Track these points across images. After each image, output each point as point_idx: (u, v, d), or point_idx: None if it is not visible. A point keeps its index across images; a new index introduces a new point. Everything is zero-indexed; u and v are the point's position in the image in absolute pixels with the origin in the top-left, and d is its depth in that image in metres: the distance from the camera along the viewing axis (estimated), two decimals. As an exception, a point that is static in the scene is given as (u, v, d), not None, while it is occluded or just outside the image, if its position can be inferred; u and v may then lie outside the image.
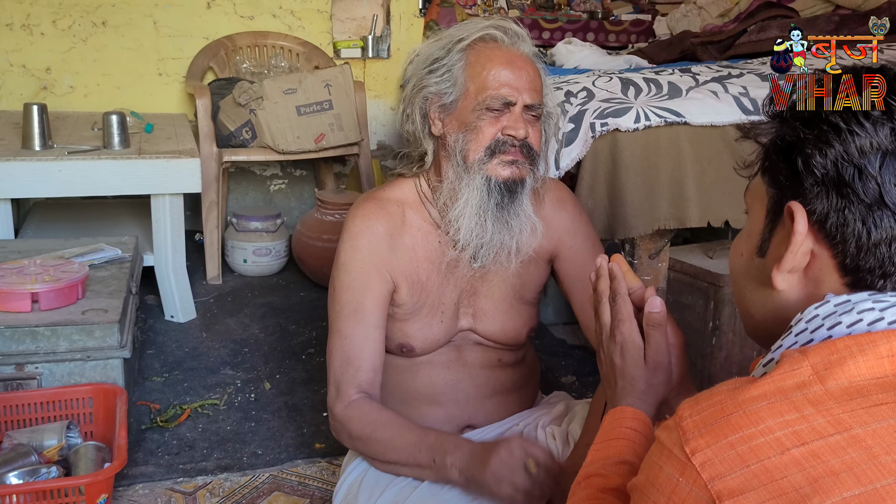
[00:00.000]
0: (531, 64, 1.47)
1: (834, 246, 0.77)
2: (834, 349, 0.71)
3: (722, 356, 2.26)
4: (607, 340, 1.09)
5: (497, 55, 1.45)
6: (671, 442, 0.72)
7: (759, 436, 0.67)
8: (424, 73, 1.48)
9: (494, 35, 1.46)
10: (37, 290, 2.00)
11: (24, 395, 1.92)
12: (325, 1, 4.01)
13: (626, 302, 1.08)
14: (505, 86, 1.42)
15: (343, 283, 1.51)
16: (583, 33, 4.56)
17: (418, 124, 1.50)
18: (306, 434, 2.21)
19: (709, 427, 0.70)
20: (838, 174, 0.75)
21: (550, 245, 1.59)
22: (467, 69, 1.45)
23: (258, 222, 3.47)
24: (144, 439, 2.15)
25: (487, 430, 1.60)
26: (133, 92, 3.81)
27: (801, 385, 0.69)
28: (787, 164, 0.79)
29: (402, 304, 1.53)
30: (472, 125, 1.44)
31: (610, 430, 1.01)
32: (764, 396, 0.69)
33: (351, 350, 1.48)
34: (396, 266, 1.52)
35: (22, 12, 3.61)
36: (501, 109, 1.43)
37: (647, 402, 1.03)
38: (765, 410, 0.68)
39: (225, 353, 2.72)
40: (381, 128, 4.19)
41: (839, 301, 0.75)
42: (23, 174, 2.62)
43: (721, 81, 2.20)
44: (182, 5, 3.81)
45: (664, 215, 2.04)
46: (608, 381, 1.09)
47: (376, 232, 1.51)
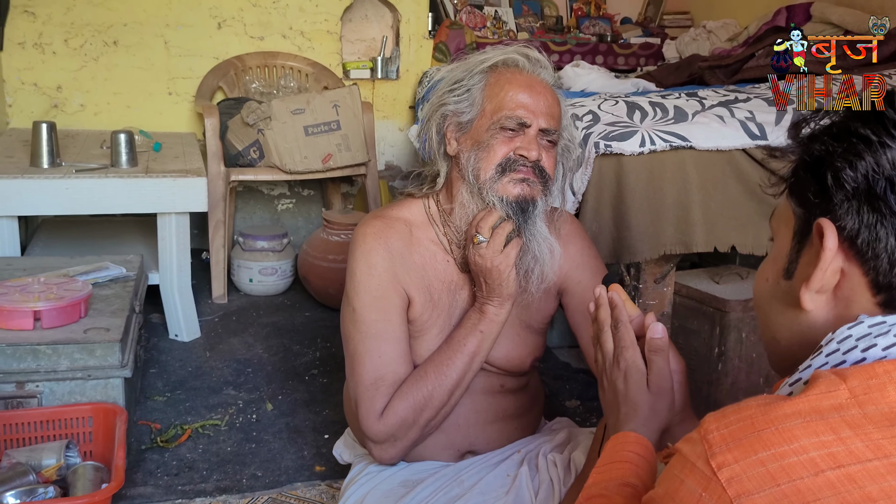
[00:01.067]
0: (550, 91, 1.47)
1: (865, 263, 0.74)
2: (873, 373, 0.68)
3: (728, 382, 2.24)
4: (611, 367, 1.08)
5: (517, 78, 1.45)
6: (695, 455, 0.69)
7: (793, 454, 0.64)
8: (445, 93, 1.49)
9: (516, 60, 1.47)
10: (39, 308, 2.00)
11: (23, 413, 1.91)
12: (335, 22, 4.04)
13: (629, 329, 1.08)
14: (521, 107, 1.42)
15: (365, 302, 1.48)
16: (592, 56, 4.57)
17: (434, 143, 1.50)
18: (307, 456, 2.19)
19: (738, 442, 0.67)
20: (869, 187, 0.72)
21: (559, 278, 1.58)
22: (486, 90, 1.45)
23: (265, 241, 3.48)
24: (144, 459, 2.14)
25: (488, 456, 1.58)
26: (143, 111, 3.84)
27: (839, 407, 0.66)
28: (815, 179, 0.77)
29: (413, 320, 1.51)
30: (485, 143, 1.43)
31: (612, 453, 1.00)
32: (798, 414, 0.66)
33: (383, 368, 1.45)
34: (409, 281, 1.50)
35: (34, 31, 3.65)
36: (516, 130, 1.43)
37: (650, 428, 1.03)
38: (799, 429, 0.65)
39: (228, 372, 2.71)
40: (389, 148, 4.20)
41: (874, 322, 0.73)
42: (30, 192, 2.63)
43: (727, 106, 2.19)
44: (193, 26, 3.84)
45: (669, 240, 2.02)
46: (611, 407, 1.08)
47: (388, 247, 1.49)
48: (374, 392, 1.44)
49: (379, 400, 1.44)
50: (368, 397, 1.44)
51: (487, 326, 1.46)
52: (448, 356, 1.46)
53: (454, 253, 1.53)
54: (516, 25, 4.88)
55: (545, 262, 1.47)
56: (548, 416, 1.82)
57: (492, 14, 4.85)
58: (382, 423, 1.44)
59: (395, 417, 1.43)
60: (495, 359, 1.57)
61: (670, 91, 2.65)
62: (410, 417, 1.44)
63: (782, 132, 2.12)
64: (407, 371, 1.47)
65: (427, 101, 1.56)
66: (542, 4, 5.08)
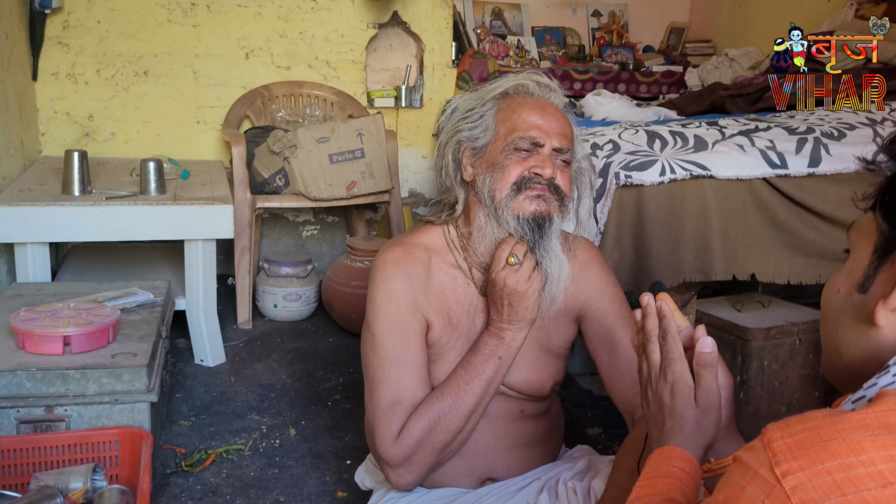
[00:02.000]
0: (561, 113, 1.50)
1: None
2: None
3: (750, 411, 2.23)
4: (657, 379, 1.06)
5: (528, 102, 1.49)
6: (758, 462, 0.69)
7: (860, 466, 0.64)
8: (460, 121, 1.53)
9: (527, 86, 1.51)
10: (69, 333, 2.04)
11: (52, 437, 1.95)
12: (360, 52, 4.11)
13: (677, 341, 1.06)
14: (534, 128, 1.45)
15: (384, 329, 1.49)
16: (614, 84, 4.60)
17: (451, 170, 1.52)
18: (329, 482, 2.21)
19: (804, 450, 0.67)
20: None
21: (577, 303, 1.59)
22: (498, 114, 1.49)
23: (289, 268, 3.52)
24: (169, 483, 2.17)
25: (508, 483, 1.58)
26: (172, 139, 3.91)
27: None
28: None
29: (433, 344, 1.53)
30: (499, 165, 1.46)
31: (657, 467, 0.98)
32: (866, 427, 0.66)
33: (401, 393, 1.46)
34: (428, 306, 1.52)
35: (68, 62, 3.75)
36: (530, 150, 1.45)
37: (695, 444, 1.00)
38: (867, 441, 0.65)
39: (252, 397, 2.74)
40: (412, 176, 4.24)
41: None
42: (61, 219, 2.69)
43: (748, 135, 2.20)
44: (221, 56, 3.92)
45: (689, 268, 2.03)
46: (655, 420, 1.06)
47: (408, 274, 1.52)
48: (392, 416, 1.45)
49: (395, 423, 1.45)
50: (385, 420, 1.46)
51: (505, 352, 1.48)
52: (465, 381, 1.47)
53: (474, 277, 1.55)
54: (539, 54, 4.93)
55: (556, 282, 1.48)
56: (569, 444, 1.82)
57: (514, 43, 4.90)
58: (398, 446, 1.45)
59: (410, 439, 1.44)
60: (515, 383, 1.58)
61: (691, 120, 2.66)
62: (425, 438, 1.44)
63: (803, 161, 2.13)
64: (424, 395, 1.48)
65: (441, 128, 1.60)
66: (565, 33, 5.13)
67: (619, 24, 5.23)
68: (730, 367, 2.21)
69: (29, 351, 2.04)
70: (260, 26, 3.96)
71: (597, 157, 2.19)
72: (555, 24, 5.15)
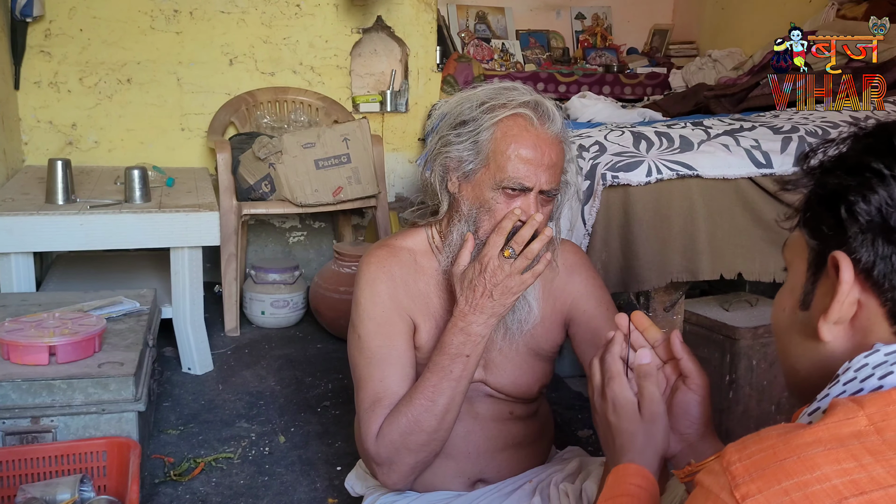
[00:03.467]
0: (557, 146, 1.45)
1: (882, 294, 0.75)
2: (891, 399, 0.69)
3: (739, 410, 2.24)
4: (599, 400, 1.09)
5: (524, 137, 1.42)
6: (718, 486, 0.70)
7: (816, 483, 0.65)
8: (452, 134, 1.48)
9: (526, 114, 1.43)
10: (54, 343, 2.02)
11: (38, 448, 1.93)
12: (345, 57, 4.10)
13: (616, 360, 1.09)
14: (524, 171, 1.42)
15: (370, 330, 1.50)
16: (599, 86, 4.61)
17: (437, 178, 1.51)
18: (319, 489, 2.20)
19: (761, 472, 0.67)
20: (884, 220, 0.74)
21: (564, 308, 1.60)
22: (492, 144, 1.44)
23: (276, 274, 3.50)
24: (158, 493, 2.15)
25: (500, 486, 1.58)
26: (156, 147, 3.89)
27: (858, 434, 0.67)
28: (829, 213, 0.78)
29: (420, 347, 1.53)
30: (486, 205, 1.45)
31: (614, 486, 1.00)
32: (819, 443, 0.67)
33: (383, 391, 1.47)
34: (414, 308, 1.53)
35: (50, 71, 3.72)
36: (517, 192, 1.43)
37: (647, 457, 1.03)
38: (821, 457, 0.66)
39: (240, 405, 2.72)
40: (399, 180, 4.23)
41: (890, 350, 0.74)
42: (46, 228, 2.67)
43: (733, 134, 2.21)
44: (205, 63, 3.91)
45: (677, 268, 2.04)
46: (606, 441, 1.09)
47: (392, 275, 1.52)
48: (372, 413, 1.46)
49: (375, 421, 1.46)
50: (367, 419, 1.47)
51: (473, 349, 1.45)
52: (434, 382, 1.44)
53: None
54: (523, 57, 4.94)
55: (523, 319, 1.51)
56: (559, 446, 1.82)
57: (499, 47, 4.91)
58: (378, 445, 1.45)
59: (386, 440, 1.44)
60: (503, 385, 1.58)
61: (676, 120, 2.67)
62: (399, 441, 1.44)
63: (788, 160, 2.14)
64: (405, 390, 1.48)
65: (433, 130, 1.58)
66: (549, 36, 5.15)
67: (603, 27, 5.25)
68: (718, 367, 2.23)
69: (14, 362, 2.02)
70: (244, 32, 3.95)
71: (583, 158, 2.20)
72: (539, 28, 5.16)
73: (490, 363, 1.58)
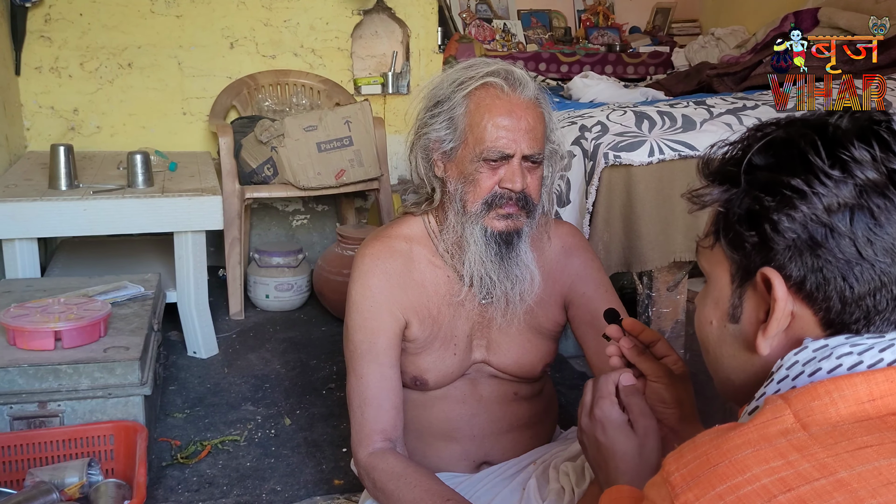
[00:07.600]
0: (533, 111, 1.44)
1: (815, 304, 0.76)
2: (815, 394, 0.70)
3: (743, 389, 2.24)
4: (587, 421, 1.08)
5: (497, 105, 1.42)
6: (661, 498, 0.71)
7: (746, 484, 0.66)
8: (427, 116, 1.49)
9: (495, 82, 1.43)
10: (60, 328, 2.03)
11: (46, 432, 1.94)
12: (346, 39, 4.08)
13: (608, 381, 1.08)
14: (502, 138, 1.41)
15: (356, 323, 1.52)
16: (601, 66, 4.58)
17: (422, 165, 1.51)
18: (325, 470, 2.21)
19: (696, 480, 0.69)
20: (810, 236, 0.74)
21: (563, 290, 1.60)
22: (467, 118, 1.43)
23: (280, 258, 3.51)
24: (165, 476, 2.17)
25: (504, 467, 1.59)
26: (158, 131, 3.89)
27: (785, 432, 0.69)
28: (751, 230, 0.77)
29: (414, 339, 1.54)
30: (470, 177, 1.44)
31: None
32: (748, 444, 0.69)
33: (368, 391, 1.48)
34: (407, 303, 1.52)
35: (51, 56, 3.71)
36: (499, 161, 1.42)
37: (642, 478, 1.01)
38: (751, 458, 0.68)
39: (246, 388, 2.74)
40: (401, 162, 4.22)
41: (817, 346, 0.74)
42: (49, 214, 2.68)
43: (735, 113, 2.20)
44: (206, 46, 3.89)
45: (679, 248, 2.04)
46: (597, 462, 1.08)
47: (385, 270, 1.52)
48: (362, 416, 1.48)
49: (368, 430, 1.47)
50: (357, 420, 1.49)
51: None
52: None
53: (455, 266, 1.54)
54: (525, 38, 4.91)
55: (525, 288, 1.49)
56: (563, 426, 1.83)
57: (500, 27, 4.89)
58: (365, 459, 1.45)
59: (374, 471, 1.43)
60: (506, 365, 1.58)
61: (679, 99, 2.66)
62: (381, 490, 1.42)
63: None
64: (388, 395, 1.48)
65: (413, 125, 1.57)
66: (551, 16, 5.12)
67: (605, 6, 5.21)
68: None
69: (20, 347, 2.03)
70: (244, 15, 3.93)
71: (585, 139, 2.19)
72: (540, 7, 5.13)
73: (492, 343, 1.58)
